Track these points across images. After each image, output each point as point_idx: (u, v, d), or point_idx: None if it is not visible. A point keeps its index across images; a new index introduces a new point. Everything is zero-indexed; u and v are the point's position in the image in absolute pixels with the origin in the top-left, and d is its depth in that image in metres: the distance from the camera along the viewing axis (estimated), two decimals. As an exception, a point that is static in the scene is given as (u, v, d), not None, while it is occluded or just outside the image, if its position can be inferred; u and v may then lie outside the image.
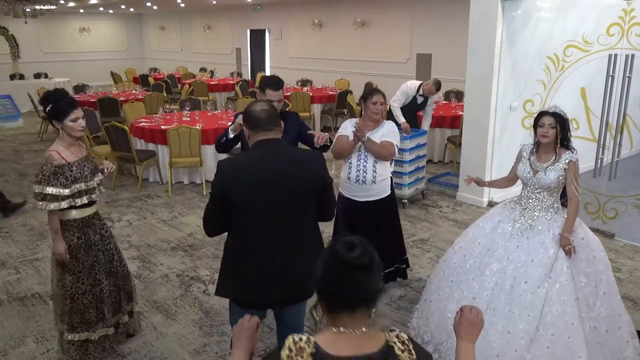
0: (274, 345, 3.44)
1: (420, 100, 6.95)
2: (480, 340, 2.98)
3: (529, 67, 5.94)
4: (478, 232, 3.37)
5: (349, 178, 3.81)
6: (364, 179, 3.75)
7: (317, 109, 10.72)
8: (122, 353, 3.39)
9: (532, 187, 3.21)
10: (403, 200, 6.11)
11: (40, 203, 2.89)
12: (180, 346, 3.50)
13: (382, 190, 3.85)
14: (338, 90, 11.03)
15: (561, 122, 3.09)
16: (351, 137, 3.70)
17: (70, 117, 2.89)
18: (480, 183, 3.65)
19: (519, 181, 3.36)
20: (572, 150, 3.16)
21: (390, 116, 6.79)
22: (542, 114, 3.17)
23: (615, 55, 4.96)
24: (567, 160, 3.10)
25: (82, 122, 2.93)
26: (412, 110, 6.98)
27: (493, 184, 3.76)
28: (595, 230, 5.26)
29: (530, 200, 3.22)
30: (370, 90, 3.85)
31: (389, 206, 3.97)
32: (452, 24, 10.75)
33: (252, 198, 2.28)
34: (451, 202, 6.35)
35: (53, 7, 15.09)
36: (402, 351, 1.43)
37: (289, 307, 2.50)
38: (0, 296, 4.17)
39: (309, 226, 2.46)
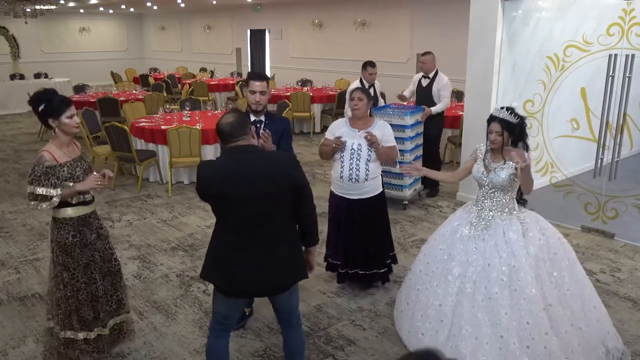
0: (274, 346, 3.44)
1: (425, 83, 6.40)
2: (452, 349, 3.00)
3: (529, 67, 5.94)
4: (439, 238, 3.38)
5: (341, 177, 3.82)
6: (357, 177, 3.77)
7: (317, 109, 10.71)
8: (122, 353, 3.39)
9: (486, 187, 3.21)
10: (404, 202, 6.11)
11: (32, 203, 2.90)
12: (180, 346, 3.50)
13: (374, 188, 3.88)
14: (338, 90, 11.02)
15: (509, 128, 3.05)
16: (358, 141, 3.76)
17: (67, 113, 2.90)
18: (417, 169, 3.57)
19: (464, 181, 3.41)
20: (526, 149, 3.11)
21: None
22: (491, 118, 3.12)
23: (615, 55, 4.96)
24: None
25: (77, 119, 2.96)
26: (426, 96, 6.43)
27: (436, 176, 3.93)
28: (595, 231, 5.28)
29: (486, 201, 3.22)
30: (351, 91, 3.96)
31: (381, 204, 3.99)
32: (452, 24, 10.74)
33: (226, 195, 2.43)
34: (451, 202, 6.35)
35: (53, 7, 15.08)
36: None
37: (278, 295, 2.64)
38: (0, 296, 4.17)
39: (285, 223, 2.58)
